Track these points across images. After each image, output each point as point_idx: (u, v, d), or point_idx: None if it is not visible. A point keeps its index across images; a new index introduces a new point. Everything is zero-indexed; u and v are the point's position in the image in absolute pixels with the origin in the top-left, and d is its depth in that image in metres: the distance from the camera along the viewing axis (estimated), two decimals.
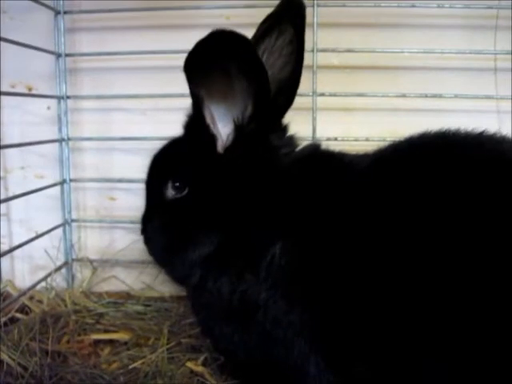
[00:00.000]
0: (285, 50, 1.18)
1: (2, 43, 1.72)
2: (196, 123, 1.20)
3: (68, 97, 1.96)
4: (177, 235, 1.23)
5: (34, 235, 1.88)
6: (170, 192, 1.23)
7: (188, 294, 1.28)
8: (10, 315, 1.72)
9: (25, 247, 1.78)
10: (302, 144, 1.28)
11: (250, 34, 1.22)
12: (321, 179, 1.16)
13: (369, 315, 1.00)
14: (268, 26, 1.16)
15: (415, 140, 1.15)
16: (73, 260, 2.03)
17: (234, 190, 1.18)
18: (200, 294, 1.20)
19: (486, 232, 0.95)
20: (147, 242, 1.31)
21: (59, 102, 1.95)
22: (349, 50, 1.82)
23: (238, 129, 1.15)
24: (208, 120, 1.17)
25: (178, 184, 1.22)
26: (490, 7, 1.80)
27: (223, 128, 1.17)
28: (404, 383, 0.98)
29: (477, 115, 1.85)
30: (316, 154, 1.25)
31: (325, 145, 1.28)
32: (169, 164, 1.28)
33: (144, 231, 1.32)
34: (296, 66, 1.19)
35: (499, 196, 0.97)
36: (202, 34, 1.95)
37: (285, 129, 1.26)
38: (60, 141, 1.97)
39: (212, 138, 1.18)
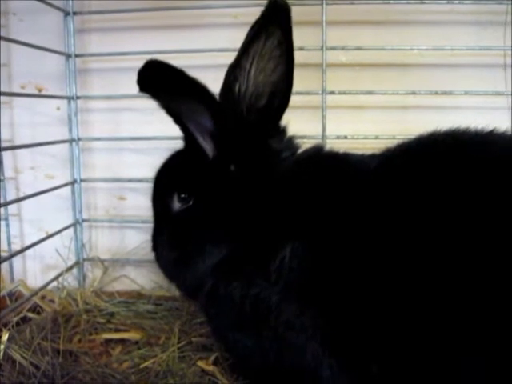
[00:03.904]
0: (274, 53, 1.16)
1: (12, 45, 1.72)
2: (186, 135, 1.23)
3: (78, 97, 1.96)
4: (186, 246, 1.23)
5: (45, 235, 1.89)
6: (177, 204, 1.25)
7: (200, 306, 1.29)
8: (21, 315, 1.73)
9: (36, 247, 1.79)
10: (305, 146, 1.27)
11: None
12: (325, 180, 1.15)
13: (383, 315, 0.99)
14: (256, 31, 1.14)
15: (425, 139, 1.14)
16: (84, 260, 2.04)
17: (238, 197, 1.18)
18: (212, 303, 1.20)
19: (498, 229, 0.94)
20: (158, 258, 1.33)
21: (69, 103, 1.96)
22: (358, 48, 1.81)
23: (216, 141, 1.17)
24: (193, 132, 1.18)
25: (183, 195, 1.23)
26: (500, 2, 1.79)
27: (204, 141, 1.19)
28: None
29: (487, 112, 1.84)
30: (319, 156, 1.24)
31: (330, 145, 1.27)
32: (172, 176, 1.29)
33: (155, 248, 1.33)
34: (287, 67, 1.18)
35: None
36: (210, 33, 1.96)
37: (283, 131, 1.26)
38: (70, 141, 1.97)
39: (202, 149, 1.20)
